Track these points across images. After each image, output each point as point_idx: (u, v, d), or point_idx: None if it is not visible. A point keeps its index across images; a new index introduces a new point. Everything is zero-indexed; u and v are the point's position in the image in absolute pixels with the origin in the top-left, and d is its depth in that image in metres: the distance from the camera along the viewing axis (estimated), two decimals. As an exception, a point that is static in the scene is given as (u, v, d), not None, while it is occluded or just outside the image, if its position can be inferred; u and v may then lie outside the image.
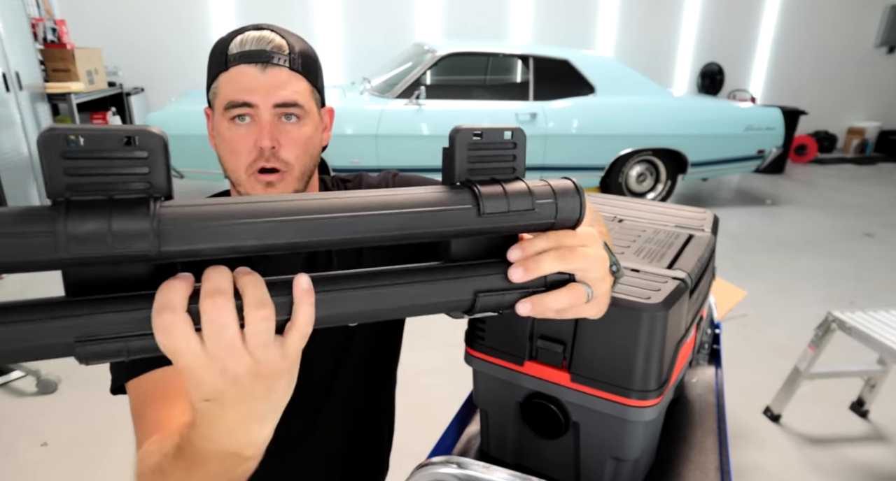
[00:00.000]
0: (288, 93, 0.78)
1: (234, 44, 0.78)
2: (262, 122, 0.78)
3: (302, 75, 0.80)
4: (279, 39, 0.79)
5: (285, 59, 0.78)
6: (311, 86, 0.82)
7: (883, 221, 4.85)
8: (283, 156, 0.79)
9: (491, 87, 5.18)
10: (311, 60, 0.82)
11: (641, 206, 1.13)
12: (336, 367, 0.92)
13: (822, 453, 2.09)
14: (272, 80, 0.77)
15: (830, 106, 7.54)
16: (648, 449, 0.84)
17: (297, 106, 0.79)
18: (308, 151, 0.82)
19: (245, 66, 0.77)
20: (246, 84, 0.77)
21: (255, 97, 0.77)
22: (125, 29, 5.53)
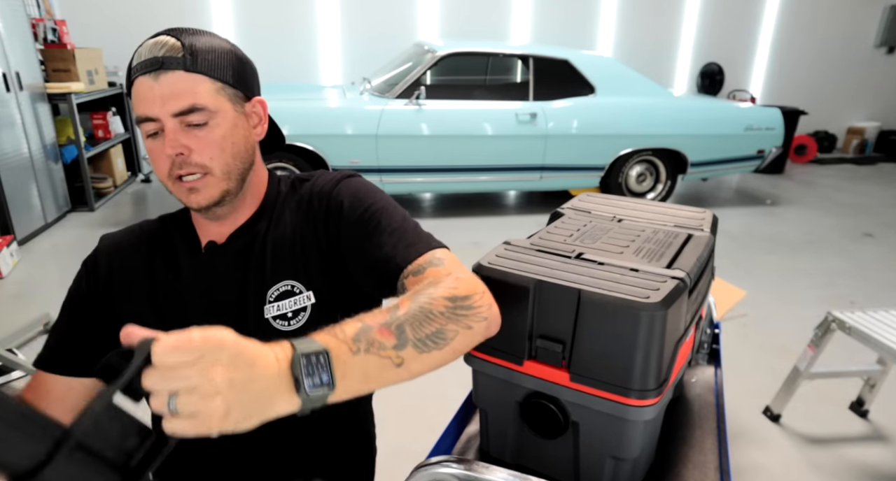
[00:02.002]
0: (184, 98, 0.74)
1: (135, 56, 0.76)
2: (166, 133, 0.75)
3: (204, 74, 0.75)
4: (173, 42, 0.75)
5: (179, 62, 0.74)
6: (221, 82, 0.77)
7: (883, 221, 4.85)
8: (196, 160, 0.77)
9: (491, 87, 5.19)
10: (217, 56, 0.77)
11: (641, 206, 1.13)
12: None
13: (821, 453, 2.09)
14: (167, 88, 0.73)
15: (830, 106, 7.54)
16: (648, 449, 0.84)
17: (197, 110, 0.75)
18: (226, 151, 0.79)
19: (142, 77, 0.74)
20: (144, 96, 0.74)
21: (153, 109, 0.74)
22: (125, 29, 5.52)
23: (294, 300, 0.85)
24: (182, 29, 0.78)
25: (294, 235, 0.87)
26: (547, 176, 4.56)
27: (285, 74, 5.89)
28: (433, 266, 0.77)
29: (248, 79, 0.82)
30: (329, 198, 0.87)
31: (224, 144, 0.78)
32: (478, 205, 5.07)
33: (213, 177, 0.79)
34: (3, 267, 3.36)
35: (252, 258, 0.86)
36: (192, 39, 0.76)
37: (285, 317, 0.85)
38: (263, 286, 0.85)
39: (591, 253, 0.86)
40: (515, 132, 4.35)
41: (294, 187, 0.92)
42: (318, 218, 0.87)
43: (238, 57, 0.81)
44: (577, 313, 0.73)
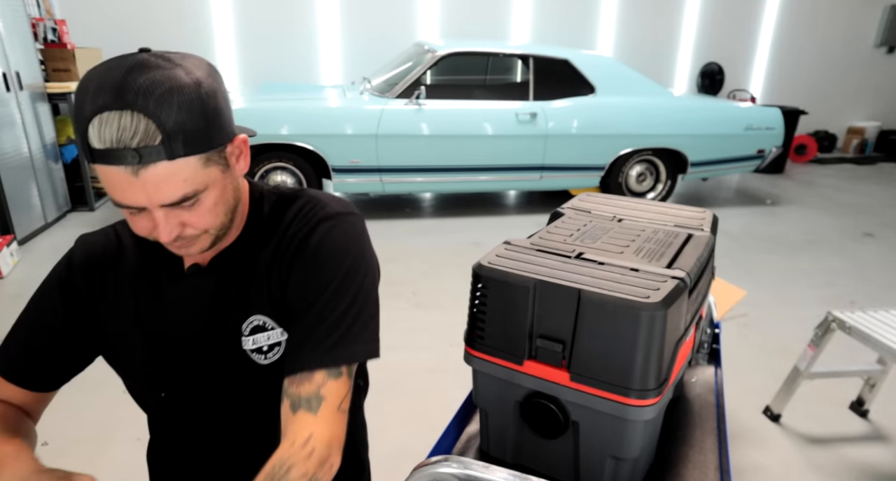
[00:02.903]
0: (174, 191, 0.67)
1: (93, 133, 0.62)
2: (154, 218, 0.69)
3: (188, 155, 0.66)
4: (145, 125, 0.62)
5: (159, 152, 0.63)
6: (204, 154, 0.68)
7: (883, 221, 4.85)
8: (190, 233, 0.73)
9: (491, 86, 5.18)
10: (194, 120, 0.65)
11: (641, 206, 1.13)
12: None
13: (821, 453, 2.09)
14: (150, 183, 0.65)
15: (830, 106, 7.54)
16: (648, 449, 0.84)
17: (188, 198, 0.68)
18: (220, 213, 0.74)
19: (112, 167, 0.63)
20: (121, 187, 0.65)
21: (136, 201, 0.67)
22: (125, 29, 5.53)
23: (267, 334, 0.83)
24: (143, 80, 0.62)
25: (269, 271, 0.82)
26: (547, 176, 4.56)
27: (285, 74, 5.89)
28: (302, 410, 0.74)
29: (225, 121, 0.71)
30: (299, 246, 0.81)
31: (217, 210, 0.73)
32: (478, 205, 5.07)
33: (208, 235, 0.75)
34: (3, 267, 3.36)
35: (233, 287, 0.83)
36: (165, 108, 0.63)
37: (261, 351, 0.83)
38: (239, 318, 0.83)
39: (592, 253, 0.86)
40: (515, 132, 4.35)
41: (277, 211, 0.85)
42: (285, 260, 0.82)
43: (213, 99, 0.68)
44: (577, 313, 0.73)
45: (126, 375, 0.88)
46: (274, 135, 4.03)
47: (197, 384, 0.86)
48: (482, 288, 0.81)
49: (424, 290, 3.29)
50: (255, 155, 4.12)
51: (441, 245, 4.04)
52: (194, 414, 0.89)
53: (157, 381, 0.86)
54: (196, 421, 0.89)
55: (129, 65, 0.64)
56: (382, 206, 4.95)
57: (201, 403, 0.87)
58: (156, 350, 0.84)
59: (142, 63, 0.64)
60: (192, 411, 0.88)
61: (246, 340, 0.82)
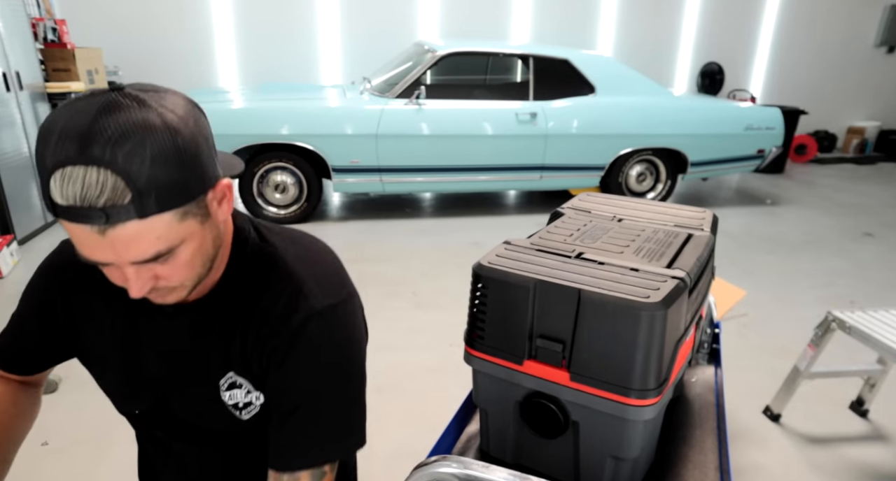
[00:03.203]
0: (145, 249, 0.61)
1: (55, 188, 0.56)
2: (126, 273, 0.64)
3: (161, 212, 0.59)
4: (112, 182, 0.55)
5: (129, 211, 0.57)
6: (181, 208, 0.61)
7: (883, 221, 4.85)
8: (163, 285, 0.67)
9: (491, 86, 5.18)
10: (170, 174, 0.58)
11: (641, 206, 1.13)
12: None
13: (821, 453, 2.09)
14: (118, 242, 0.59)
15: (830, 106, 7.54)
16: (648, 449, 0.84)
17: (161, 255, 0.63)
18: (195, 267, 0.68)
19: (76, 225, 0.58)
20: (88, 245, 0.60)
21: (104, 258, 0.61)
22: (125, 29, 5.53)
23: (242, 394, 0.81)
24: (111, 128, 0.55)
25: (249, 342, 0.78)
26: (547, 175, 4.56)
27: (285, 74, 5.89)
28: None
29: (205, 168, 0.63)
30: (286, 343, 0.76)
31: (193, 262, 0.67)
32: (478, 205, 5.07)
33: (183, 288, 0.70)
34: (3, 266, 3.36)
35: (212, 336, 0.79)
36: (134, 162, 0.56)
37: (237, 407, 0.81)
38: (217, 371, 0.80)
39: (592, 252, 0.85)
40: (515, 132, 4.35)
41: (262, 275, 0.78)
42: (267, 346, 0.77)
43: (193, 145, 0.61)
44: (577, 313, 0.73)
45: (99, 384, 0.87)
46: (274, 135, 4.03)
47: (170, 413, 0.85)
48: (482, 288, 0.81)
49: (424, 290, 3.29)
50: (255, 155, 4.12)
51: (441, 245, 4.04)
52: (168, 433, 0.88)
53: (130, 399, 0.86)
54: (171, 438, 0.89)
55: (96, 109, 0.56)
56: (382, 206, 4.95)
57: (176, 428, 0.87)
58: (130, 372, 0.83)
59: (111, 106, 0.57)
60: (166, 430, 0.88)
61: (223, 393, 0.80)
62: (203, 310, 0.78)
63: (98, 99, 0.58)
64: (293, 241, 0.83)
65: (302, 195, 4.28)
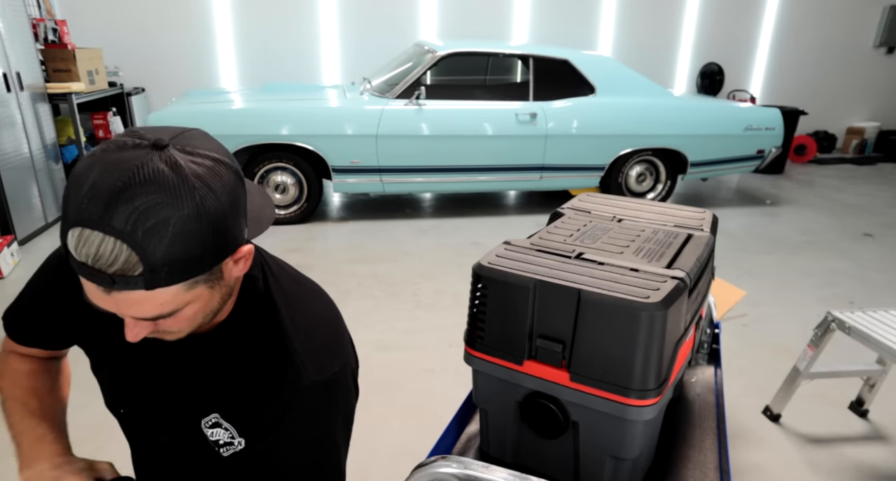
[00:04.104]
0: (147, 311, 0.61)
1: (71, 241, 0.56)
2: (126, 324, 0.65)
3: (168, 285, 0.59)
4: (126, 256, 0.55)
5: (136, 282, 0.57)
6: (190, 280, 0.61)
7: (882, 221, 4.85)
8: (163, 330, 0.68)
9: (491, 87, 5.18)
10: (188, 252, 0.58)
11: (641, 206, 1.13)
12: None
13: (821, 453, 2.09)
14: (123, 303, 0.60)
15: (830, 106, 7.54)
16: (648, 449, 0.84)
17: (163, 316, 0.63)
18: (197, 320, 0.68)
19: (85, 278, 0.59)
20: (92, 294, 0.61)
21: (107, 308, 0.62)
22: (125, 29, 5.53)
23: (226, 434, 0.81)
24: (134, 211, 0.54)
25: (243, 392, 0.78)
26: (547, 176, 4.56)
27: (285, 75, 5.89)
28: None
29: (230, 237, 0.62)
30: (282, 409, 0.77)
31: (196, 317, 0.67)
32: (478, 205, 5.07)
33: (180, 334, 0.70)
34: (4, 267, 3.36)
35: (203, 374, 0.79)
36: (152, 239, 0.55)
37: (217, 444, 0.82)
38: (203, 407, 0.80)
39: (591, 253, 0.86)
40: (515, 132, 4.35)
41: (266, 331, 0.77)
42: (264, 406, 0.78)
43: (213, 228, 0.59)
44: (577, 313, 0.73)
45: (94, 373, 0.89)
46: (274, 136, 4.03)
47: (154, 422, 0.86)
48: (482, 288, 0.81)
49: (424, 290, 3.29)
50: (256, 155, 4.12)
51: (441, 245, 4.04)
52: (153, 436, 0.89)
53: (118, 397, 0.87)
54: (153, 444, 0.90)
55: (132, 170, 0.55)
56: (382, 206, 4.95)
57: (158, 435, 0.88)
58: (123, 375, 0.84)
59: (147, 171, 0.55)
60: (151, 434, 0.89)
61: (205, 428, 0.81)
62: (203, 346, 0.78)
63: (138, 157, 0.56)
64: (298, 298, 0.81)
65: (302, 195, 4.29)
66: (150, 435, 0.89)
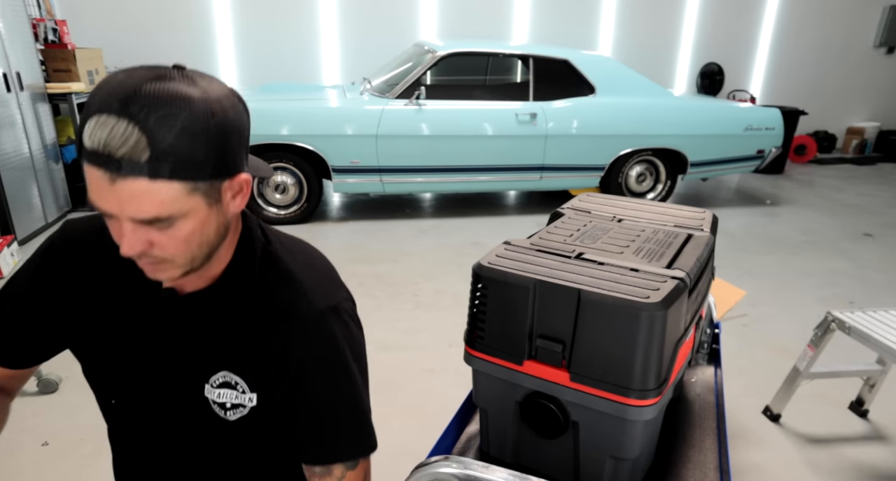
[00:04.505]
0: (146, 209, 0.63)
1: (87, 131, 0.61)
2: (123, 230, 0.65)
3: (172, 179, 0.62)
4: (136, 138, 0.59)
5: (141, 168, 0.60)
6: (191, 182, 0.64)
7: (882, 221, 4.85)
8: (157, 253, 0.68)
9: (491, 87, 5.18)
10: (192, 146, 0.62)
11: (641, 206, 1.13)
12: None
13: (821, 453, 2.09)
14: (124, 195, 0.61)
15: (830, 106, 7.54)
16: (648, 449, 0.84)
17: (160, 220, 0.64)
18: (192, 244, 0.69)
19: (94, 168, 0.61)
20: (97, 190, 0.63)
21: (108, 208, 0.64)
22: (125, 29, 5.53)
23: (234, 394, 0.80)
24: (154, 93, 0.60)
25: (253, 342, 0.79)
26: (547, 176, 4.56)
27: (285, 75, 5.89)
28: None
29: (233, 156, 0.67)
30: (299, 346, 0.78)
31: (190, 239, 0.68)
32: (478, 205, 5.07)
33: (175, 264, 0.70)
34: (4, 266, 3.36)
35: (208, 332, 0.79)
36: (163, 128, 0.60)
37: (224, 407, 0.81)
38: (210, 368, 0.80)
39: (591, 253, 0.86)
40: (515, 132, 4.35)
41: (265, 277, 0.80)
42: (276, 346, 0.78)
43: (224, 135, 0.65)
44: (577, 313, 0.73)
45: (84, 367, 0.87)
46: (274, 136, 4.03)
47: (149, 406, 0.84)
48: (482, 288, 0.81)
49: (424, 290, 3.29)
50: (255, 155, 4.10)
51: (441, 245, 4.04)
52: (143, 429, 0.87)
53: (110, 387, 0.85)
54: (145, 437, 0.88)
55: (151, 76, 0.62)
56: (382, 206, 4.95)
57: (152, 423, 0.86)
58: (114, 357, 0.83)
59: (164, 77, 0.62)
60: (141, 426, 0.87)
61: (210, 390, 0.81)
62: (202, 303, 0.79)
63: (157, 69, 0.64)
64: (294, 245, 0.86)
65: (302, 195, 4.29)
66: (141, 430, 0.87)
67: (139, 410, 0.85)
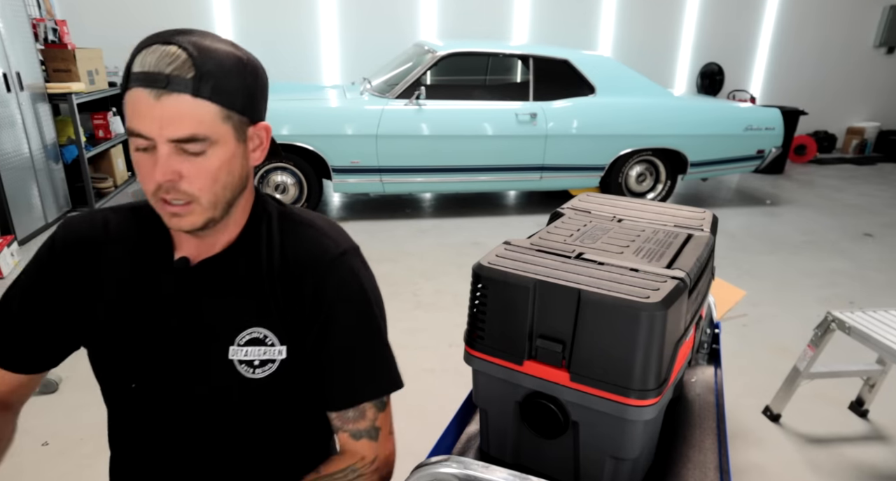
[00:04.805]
0: (185, 126, 0.68)
1: (137, 60, 0.68)
2: (158, 155, 0.69)
3: (211, 100, 0.69)
4: (184, 58, 0.67)
5: (187, 85, 0.67)
6: (227, 109, 0.71)
7: (882, 221, 4.85)
8: (185, 188, 0.71)
9: (491, 87, 5.18)
10: (231, 78, 0.70)
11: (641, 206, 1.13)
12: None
13: (821, 453, 2.09)
14: (168, 111, 0.67)
15: (830, 106, 7.54)
16: (648, 449, 0.84)
17: (197, 140, 0.69)
18: (218, 182, 0.73)
19: (141, 89, 0.67)
20: (140, 111, 0.68)
21: (149, 128, 0.68)
22: (125, 29, 5.52)
23: (264, 350, 0.81)
24: (195, 37, 0.69)
25: (279, 290, 0.81)
26: (547, 176, 4.56)
27: (285, 74, 5.89)
28: (364, 439, 0.84)
29: (259, 102, 0.77)
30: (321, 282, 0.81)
31: (218, 175, 0.73)
32: (478, 205, 5.07)
33: (199, 205, 0.73)
34: (4, 267, 3.36)
35: (231, 292, 0.81)
36: (206, 55, 0.68)
37: (251, 365, 0.81)
38: (236, 326, 0.81)
39: (591, 253, 0.86)
40: (515, 132, 4.35)
41: (282, 230, 0.85)
42: (303, 290, 0.81)
43: (254, 77, 0.74)
44: (577, 313, 0.73)
45: (99, 359, 0.86)
46: (274, 135, 4.02)
47: (170, 382, 0.83)
48: (482, 288, 0.81)
49: (424, 290, 3.29)
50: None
51: (441, 245, 4.04)
52: (162, 413, 0.86)
53: (130, 370, 0.84)
54: (163, 424, 0.86)
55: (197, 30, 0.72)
56: (382, 206, 4.95)
57: (172, 403, 0.85)
58: (133, 339, 0.83)
59: (207, 32, 0.73)
60: (161, 410, 0.85)
61: (236, 350, 0.81)
62: (222, 266, 0.82)
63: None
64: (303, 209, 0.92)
65: (302, 195, 4.29)
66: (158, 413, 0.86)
67: (160, 390, 0.84)
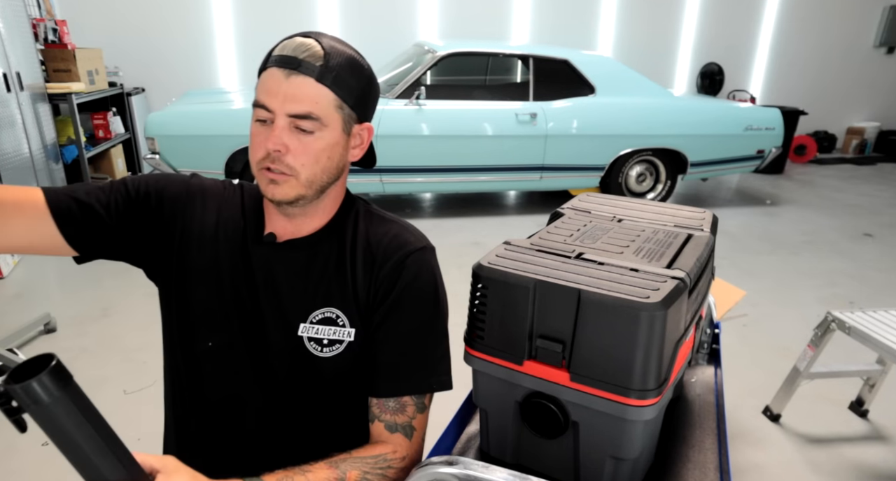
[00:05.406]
0: (304, 104, 0.78)
1: (278, 47, 0.80)
2: (274, 126, 0.79)
3: (330, 88, 0.79)
4: (317, 49, 0.79)
5: (314, 70, 0.78)
6: (341, 100, 0.81)
7: (882, 221, 4.85)
8: (289, 161, 0.80)
9: (491, 87, 5.19)
10: (350, 75, 0.81)
11: (641, 206, 1.13)
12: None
13: (821, 453, 2.09)
14: (293, 89, 0.77)
15: (830, 106, 7.54)
16: (648, 449, 0.84)
17: (311, 118, 0.79)
18: (319, 162, 0.82)
19: (276, 69, 0.78)
20: (270, 87, 0.79)
21: (273, 102, 0.78)
22: (126, 29, 5.53)
23: (334, 330, 0.87)
24: (330, 38, 0.81)
25: (358, 275, 0.88)
26: (547, 176, 4.57)
27: (285, 74, 5.89)
28: (400, 433, 0.87)
29: (369, 105, 0.87)
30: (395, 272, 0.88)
31: (320, 156, 0.81)
32: (478, 205, 5.07)
33: (297, 180, 0.81)
34: (4, 267, 3.36)
35: (312, 272, 0.88)
36: (335, 52, 0.79)
37: (320, 343, 0.87)
38: (310, 305, 0.87)
39: (591, 253, 0.86)
40: (515, 132, 4.35)
41: (368, 223, 0.92)
42: (378, 276, 0.88)
43: (369, 83, 0.85)
44: (577, 313, 0.73)
45: (182, 311, 0.90)
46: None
47: (243, 348, 0.89)
48: (482, 288, 0.81)
49: (424, 290, 3.28)
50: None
51: (441, 245, 4.02)
52: (229, 378, 0.90)
53: (209, 328, 0.89)
54: (227, 389, 0.90)
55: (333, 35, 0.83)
56: (382, 206, 4.93)
57: (241, 369, 0.89)
58: (223, 298, 0.88)
59: (340, 39, 0.84)
60: (229, 374, 0.90)
61: (307, 327, 0.87)
62: (309, 248, 0.89)
63: None
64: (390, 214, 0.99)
65: (302, 195, 4.28)
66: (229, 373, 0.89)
67: (233, 354, 0.89)
